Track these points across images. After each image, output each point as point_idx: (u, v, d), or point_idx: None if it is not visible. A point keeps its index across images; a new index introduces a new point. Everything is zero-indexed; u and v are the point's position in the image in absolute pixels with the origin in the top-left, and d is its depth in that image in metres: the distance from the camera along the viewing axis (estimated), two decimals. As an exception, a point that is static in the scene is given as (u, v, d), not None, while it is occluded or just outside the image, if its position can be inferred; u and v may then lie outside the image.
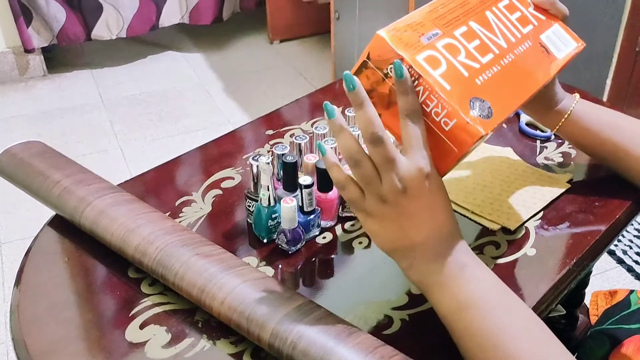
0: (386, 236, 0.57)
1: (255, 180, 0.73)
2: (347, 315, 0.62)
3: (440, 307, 0.57)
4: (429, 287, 0.57)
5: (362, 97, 0.54)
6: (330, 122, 0.55)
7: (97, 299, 0.66)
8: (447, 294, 0.56)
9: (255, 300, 0.58)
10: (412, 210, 0.55)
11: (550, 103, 0.76)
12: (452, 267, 0.56)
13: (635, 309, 0.80)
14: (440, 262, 0.56)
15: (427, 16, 0.59)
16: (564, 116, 0.76)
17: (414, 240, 0.56)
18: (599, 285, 1.62)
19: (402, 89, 0.54)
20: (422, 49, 0.56)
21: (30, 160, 0.78)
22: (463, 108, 0.54)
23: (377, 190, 0.55)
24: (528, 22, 0.68)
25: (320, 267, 0.71)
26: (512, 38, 0.64)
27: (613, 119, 0.77)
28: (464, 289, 0.55)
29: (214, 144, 0.93)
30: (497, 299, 0.56)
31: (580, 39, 0.72)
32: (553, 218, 0.76)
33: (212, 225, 0.76)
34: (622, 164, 0.77)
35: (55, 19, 2.65)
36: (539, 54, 0.66)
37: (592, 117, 0.77)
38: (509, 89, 0.60)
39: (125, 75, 2.81)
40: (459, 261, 0.56)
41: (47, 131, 2.38)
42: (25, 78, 2.77)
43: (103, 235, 0.69)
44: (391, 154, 0.53)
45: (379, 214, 0.56)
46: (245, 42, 3.12)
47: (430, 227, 0.56)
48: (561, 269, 0.68)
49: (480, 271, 0.57)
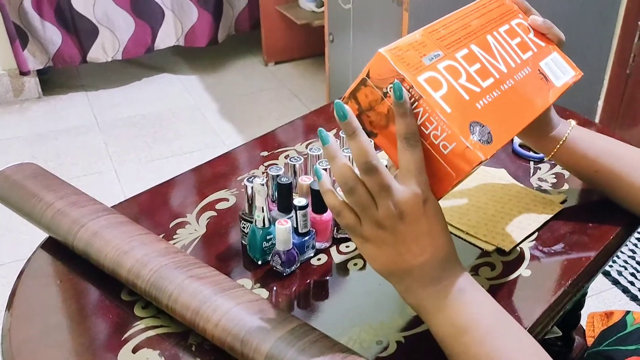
0: (383, 260, 0.56)
1: (249, 202, 0.73)
2: (342, 338, 0.62)
3: (437, 330, 0.56)
4: (426, 311, 0.57)
5: (354, 127, 0.54)
6: (324, 148, 0.55)
7: (90, 322, 0.66)
8: (444, 318, 0.55)
9: (250, 323, 0.58)
10: (409, 235, 0.55)
11: (545, 129, 0.76)
12: (450, 291, 0.56)
13: (632, 330, 0.79)
14: (438, 286, 0.56)
15: (429, 37, 0.59)
16: (558, 142, 0.76)
17: (411, 263, 0.56)
18: (594, 306, 1.61)
19: (400, 111, 0.54)
20: (424, 70, 0.56)
21: (24, 182, 0.78)
22: (463, 132, 0.54)
23: (373, 216, 0.55)
24: (528, 49, 0.68)
25: (315, 289, 0.71)
26: (512, 63, 0.64)
27: (608, 145, 0.77)
28: (461, 313, 0.55)
29: (209, 165, 0.93)
30: (495, 323, 0.55)
31: (571, 60, 0.72)
32: (547, 239, 0.76)
33: (206, 246, 0.76)
34: (617, 191, 0.77)
35: (51, 42, 2.66)
36: (538, 80, 0.66)
37: (586, 144, 0.76)
38: (508, 114, 0.60)
39: (120, 97, 2.82)
40: (456, 285, 0.56)
41: (41, 153, 2.38)
42: (20, 100, 2.77)
43: (96, 257, 0.68)
44: (386, 181, 0.53)
45: (376, 239, 0.56)
46: (240, 65, 3.14)
47: (427, 251, 0.55)
48: (556, 290, 0.68)
49: (477, 295, 0.57)
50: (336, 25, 2.29)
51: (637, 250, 1.80)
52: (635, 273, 1.72)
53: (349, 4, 2.14)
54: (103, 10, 2.70)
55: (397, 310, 0.66)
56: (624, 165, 0.75)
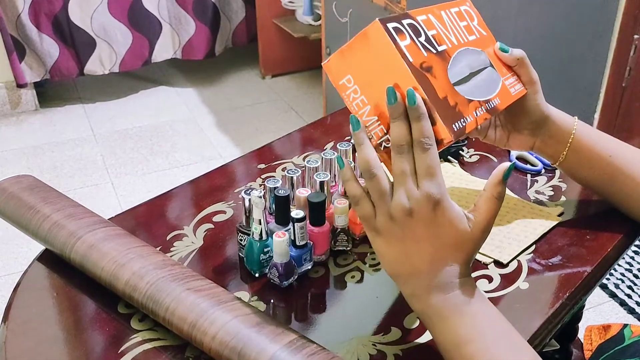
0: (391, 258, 0.57)
1: (247, 214, 0.73)
2: (339, 351, 0.61)
3: (440, 339, 0.56)
4: (431, 319, 0.57)
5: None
6: (354, 134, 0.57)
7: (86, 335, 0.65)
8: (449, 327, 0.55)
9: (247, 336, 0.58)
10: (417, 235, 0.55)
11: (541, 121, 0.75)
12: (456, 301, 0.56)
13: (630, 343, 0.79)
14: (444, 295, 0.56)
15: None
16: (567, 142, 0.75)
17: (418, 267, 0.56)
18: (592, 319, 1.61)
19: (415, 115, 0.54)
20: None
21: (20, 194, 0.78)
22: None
23: (387, 206, 0.56)
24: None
25: (313, 301, 0.71)
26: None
27: (614, 144, 0.76)
28: (466, 323, 0.55)
29: (206, 177, 0.93)
30: (499, 334, 0.55)
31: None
32: (545, 252, 0.76)
33: (203, 259, 0.76)
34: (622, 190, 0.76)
35: (48, 54, 2.67)
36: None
37: (594, 140, 0.75)
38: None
39: (117, 109, 2.82)
40: (463, 295, 0.56)
41: (38, 165, 2.37)
42: (17, 112, 2.77)
43: (93, 270, 0.68)
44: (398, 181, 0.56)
45: (387, 232, 0.56)
46: (237, 77, 3.15)
47: (435, 257, 0.56)
48: (554, 303, 0.68)
49: (484, 307, 0.57)
50: (333, 38, 2.30)
51: (635, 263, 1.80)
52: (632, 286, 1.72)
53: (345, 18, 2.15)
54: (100, 23, 2.70)
55: (395, 323, 0.66)
56: (631, 162, 0.75)
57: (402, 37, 0.57)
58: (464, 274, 0.57)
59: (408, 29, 0.58)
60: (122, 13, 2.73)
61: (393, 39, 0.56)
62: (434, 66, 0.58)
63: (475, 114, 0.60)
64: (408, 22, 0.59)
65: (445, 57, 0.61)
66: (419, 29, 0.60)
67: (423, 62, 0.57)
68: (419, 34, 0.59)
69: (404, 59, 0.55)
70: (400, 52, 0.55)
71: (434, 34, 0.61)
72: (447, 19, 0.65)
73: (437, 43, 0.61)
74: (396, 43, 0.56)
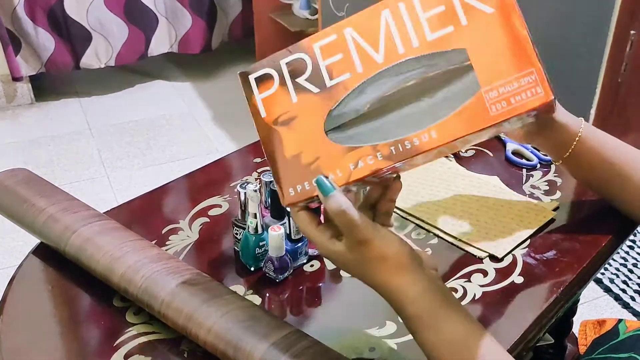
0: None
1: (242, 208, 0.73)
2: (334, 344, 0.61)
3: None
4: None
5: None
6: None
7: (81, 328, 0.66)
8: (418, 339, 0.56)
9: (242, 329, 0.58)
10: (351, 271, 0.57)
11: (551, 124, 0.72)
12: (408, 320, 0.55)
13: (624, 338, 0.79)
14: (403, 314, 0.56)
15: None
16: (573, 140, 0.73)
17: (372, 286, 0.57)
18: (587, 314, 1.62)
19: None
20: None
21: (16, 187, 0.78)
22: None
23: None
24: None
25: (308, 295, 0.71)
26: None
27: (617, 150, 0.75)
28: (423, 350, 0.55)
29: (202, 171, 0.93)
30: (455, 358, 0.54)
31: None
32: (540, 246, 0.76)
33: (199, 253, 0.76)
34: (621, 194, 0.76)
35: (44, 48, 2.65)
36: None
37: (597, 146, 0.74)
38: None
39: (113, 103, 2.81)
40: (408, 327, 0.56)
41: (33, 159, 2.37)
42: (13, 106, 2.76)
43: (88, 263, 0.68)
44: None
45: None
46: (234, 71, 3.13)
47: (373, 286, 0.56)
48: (549, 297, 0.68)
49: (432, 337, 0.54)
50: (330, 32, 2.30)
51: (629, 257, 1.81)
52: (627, 281, 1.73)
53: (342, 12, 2.15)
54: (96, 16, 2.69)
55: (390, 317, 0.66)
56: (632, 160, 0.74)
57: (265, 87, 0.53)
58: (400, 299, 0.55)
59: (284, 69, 0.53)
60: (118, 6, 2.72)
61: (249, 95, 0.54)
62: (302, 114, 0.52)
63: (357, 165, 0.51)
64: (292, 59, 0.53)
65: (334, 93, 0.51)
66: (306, 64, 0.52)
67: (281, 115, 0.53)
68: (300, 73, 0.52)
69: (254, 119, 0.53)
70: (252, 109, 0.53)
71: (331, 63, 0.51)
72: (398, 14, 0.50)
73: (330, 76, 0.51)
74: (251, 99, 0.54)
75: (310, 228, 0.55)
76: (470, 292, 0.69)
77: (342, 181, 0.51)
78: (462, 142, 0.50)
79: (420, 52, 0.49)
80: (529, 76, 0.47)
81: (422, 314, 0.54)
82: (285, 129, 0.52)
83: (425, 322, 0.54)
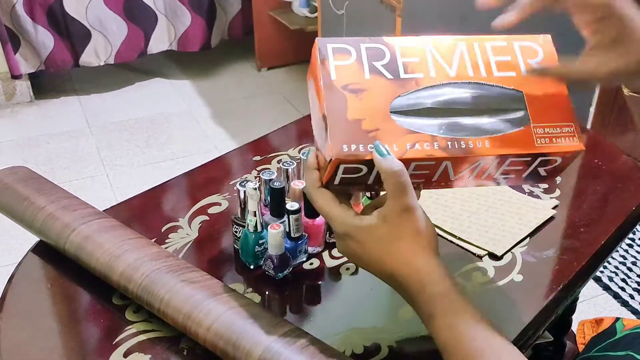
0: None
1: (242, 206, 0.73)
2: (334, 342, 0.61)
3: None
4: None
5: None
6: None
7: (81, 326, 0.66)
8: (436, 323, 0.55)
9: (242, 327, 0.58)
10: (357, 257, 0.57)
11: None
12: (422, 315, 0.55)
13: (621, 337, 0.80)
14: (414, 307, 0.55)
15: None
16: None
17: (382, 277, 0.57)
18: (586, 311, 1.62)
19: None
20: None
21: (15, 185, 0.78)
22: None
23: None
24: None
25: (307, 293, 0.71)
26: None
27: None
28: (436, 337, 0.54)
29: (201, 170, 0.93)
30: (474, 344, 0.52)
31: None
32: (539, 244, 0.76)
33: (198, 251, 0.76)
34: None
35: (43, 46, 2.65)
36: None
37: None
38: None
39: (112, 101, 2.81)
40: (425, 311, 0.54)
41: (33, 157, 2.36)
42: (12, 104, 2.76)
43: (88, 261, 0.68)
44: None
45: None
46: (233, 69, 3.14)
47: (381, 275, 0.57)
48: (548, 295, 0.68)
49: (449, 319, 0.53)
50: (329, 30, 2.30)
51: (628, 256, 1.81)
52: (626, 279, 1.73)
53: (342, 10, 2.15)
54: (96, 14, 2.69)
55: (389, 315, 0.66)
56: None
57: (340, 57, 0.56)
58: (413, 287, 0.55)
59: (363, 50, 0.57)
60: (118, 4, 2.72)
61: (323, 57, 0.56)
62: (372, 89, 0.55)
63: (413, 146, 0.54)
64: (372, 46, 0.57)
65: (406, 84, 0.56)
66: (385, 53, 0.57)
67: (352, 84, 0.55)
68: (378, 59, 0.57)
69: (321, 77, 0.55)
70: (322, 70, 0.55)
71: (408, 61, 0.57)
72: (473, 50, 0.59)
73: (405, 70, 0.56)
74: (324, 62, 0.56)
75: (333, 204, 0.56)
76: (469, 290, 0.69)
77: (396, 156, 0.54)
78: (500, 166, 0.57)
79: (487, 82, 0.58)
80: (568, 127, 0.57)
81: (444, 293, 0.53)
82: (353, 96, 0.55)
83: (446, 303, 0.53)
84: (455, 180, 0.59)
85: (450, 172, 0.57)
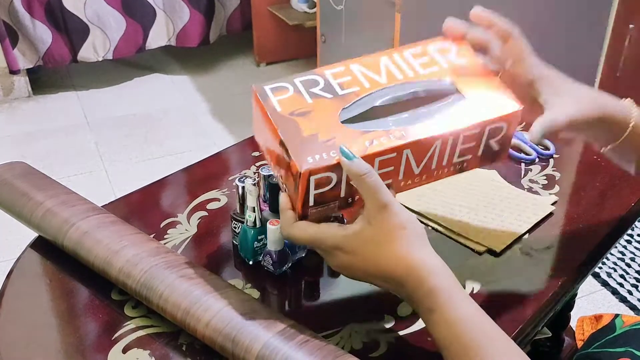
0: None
1: (241, 202, 0.73)
2: (333, 338, 0.62)
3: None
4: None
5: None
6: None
7: (79, 322, 0.65)
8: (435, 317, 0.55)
9: (241, 323, 0.58)
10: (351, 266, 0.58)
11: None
12: (421, 310, 0.55)
13: (620, 333, 0.80)
14: (413, 304, 0.56)
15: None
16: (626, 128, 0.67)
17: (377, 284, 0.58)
18: (584, 307, 1.62)
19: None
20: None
21: (13, 181, 0.78)
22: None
23: None
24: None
25: (306, 289, 0.71)
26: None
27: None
28: (434, 332, 0.54)
29: (200, 165, 0.93)
30: (473, 338, 0.52)
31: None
32: (538, 240, 0.76)
33: (197, 247, 0.76)
34: None
35: (41, 41, 2.65)
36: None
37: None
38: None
39: (111, 97, 2.80)
40: (424, 305, 0.54)
41: (31, 152, 2.36)
42: (10, 99, 2.76)
43: (86, 257, 0.68)
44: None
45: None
46: (232, 65, 3.13)
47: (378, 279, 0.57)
48: (547, 291, 0.69)
49: (448, 314, 0.53)
50: (328, 26, 2.29)
51: (627, 252, 1.82)
52: (624, 275, 1.74)
53: (341, 5, 2.14)
54: (94, 9, 2.69)
55: (388, 311, 0.67)
56: None
57: (280, 93, 0.61)
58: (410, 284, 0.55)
59: (298, 84, 0.62)
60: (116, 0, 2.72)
61: (264, 98, 0.60)
62: (317, 110, 0.60)
63: (372, 143, 0.58)
64: (305, 78, 0.62)
65: (347, 98, 0.61)
66: (318, 81, 0.62)
67: (297, 109, 0.59)
68: (315, 85, 0.62)
69: (269, 112, 0.59)
70: (267, 106, 0.60)
71: (342, 81, 0.62)
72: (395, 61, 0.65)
73: (341, 88, 0.62)
74: (267, 100, 0.60)
75: (314, 227, 0.58)
76: (468, 286, 0.69)
77: (358, 154, 0.56)
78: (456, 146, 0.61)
79: (416, 80, 0.63)
80: (501, 95, 0.63)
81: (443, 286, 0.54)
82: (302, 118, 0.59)
83: (445, 296, 0.53)
84: (420, 174, 0.62)
85: (413, 163, 0.60)
